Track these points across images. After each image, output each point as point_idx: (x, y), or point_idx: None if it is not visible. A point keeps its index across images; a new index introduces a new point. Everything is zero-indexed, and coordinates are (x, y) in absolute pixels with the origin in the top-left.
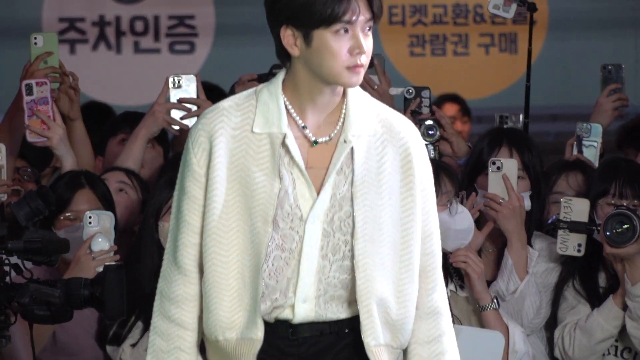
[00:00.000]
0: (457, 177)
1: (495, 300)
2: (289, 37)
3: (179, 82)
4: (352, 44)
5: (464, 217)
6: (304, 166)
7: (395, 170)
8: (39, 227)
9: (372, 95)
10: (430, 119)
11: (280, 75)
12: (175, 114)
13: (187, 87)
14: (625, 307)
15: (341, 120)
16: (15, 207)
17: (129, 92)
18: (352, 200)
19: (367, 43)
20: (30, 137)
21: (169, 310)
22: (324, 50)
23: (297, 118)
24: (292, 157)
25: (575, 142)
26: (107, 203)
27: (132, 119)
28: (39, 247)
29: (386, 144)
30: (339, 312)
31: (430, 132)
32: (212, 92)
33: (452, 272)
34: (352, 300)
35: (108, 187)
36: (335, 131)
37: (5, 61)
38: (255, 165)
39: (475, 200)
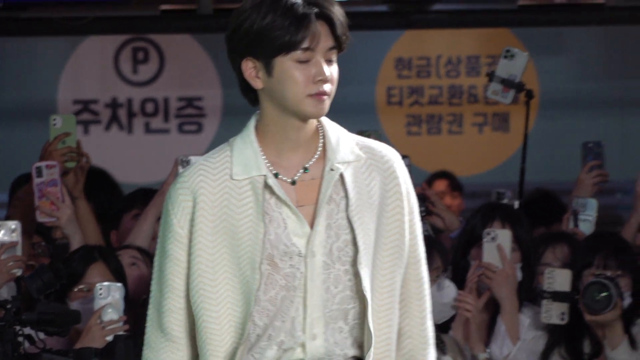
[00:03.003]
0: (447, 254)
1: (487, 351)
2: (251, 70)
3: (187, 162)
4: (313, 71)
5: (449, 292)
6: (294, 203)
7: (382, 195)
8: (54, 299)
9: None
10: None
11: (252, 121)
12: None
13: None
14: None
15: (318, 151)
16: (28, 280)
17: (140, 171)
18: (350, 226)
19: (331, 71)
20: (40, 217)
21: None
22: (285, 78)
23: (269, 165)
24: (278, 197)
25: (571, 216)
26: (119, 276)
27: (145, 195)
28: (51, 319)
29: (372, 169)
30: (346, 348)
31: None
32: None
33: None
34: (352, 333)
35: (120, 261)
36: (311, 162)
37: (21, 141)
38: (239, 213)
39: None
